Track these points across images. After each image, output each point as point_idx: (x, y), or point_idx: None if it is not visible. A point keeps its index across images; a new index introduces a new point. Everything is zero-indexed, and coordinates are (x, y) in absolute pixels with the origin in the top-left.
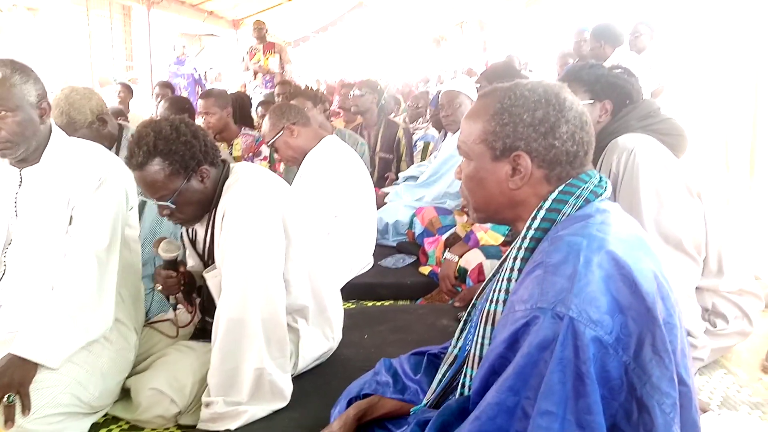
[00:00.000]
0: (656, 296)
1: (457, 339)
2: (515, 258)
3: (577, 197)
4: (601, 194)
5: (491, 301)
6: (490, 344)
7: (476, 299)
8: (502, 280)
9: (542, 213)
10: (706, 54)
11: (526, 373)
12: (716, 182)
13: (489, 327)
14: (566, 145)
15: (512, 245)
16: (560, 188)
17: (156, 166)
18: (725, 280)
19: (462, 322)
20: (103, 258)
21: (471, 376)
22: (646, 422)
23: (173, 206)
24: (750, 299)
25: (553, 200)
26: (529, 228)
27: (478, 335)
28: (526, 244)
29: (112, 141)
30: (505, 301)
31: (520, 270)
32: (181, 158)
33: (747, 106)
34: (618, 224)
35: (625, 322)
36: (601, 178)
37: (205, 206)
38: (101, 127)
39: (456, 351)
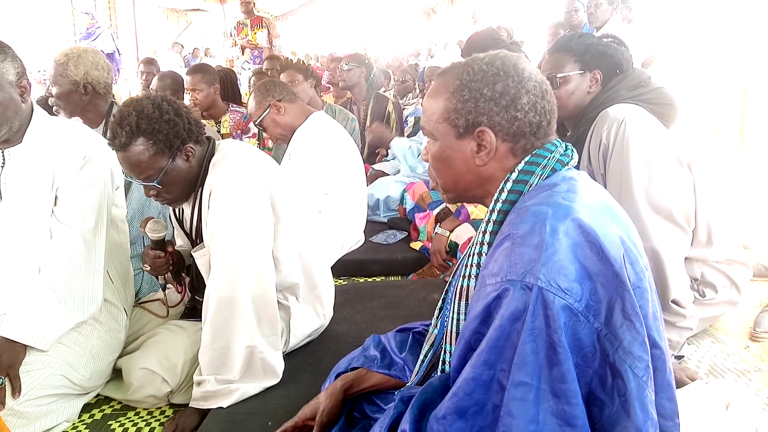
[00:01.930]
0: (624, 261)
1: (437, 318)
2: (484, 232)
3: (544, 167)
4: (567, 163)
5: (464, 277)
6: (465, 319)
7: (452, 276)
8: (473, 254)
9: (509, 185)
10: (696, 23)
11: (500, 345)
12: (706, 152)
13: (463, 302)
14: (528, 116)
15: (483, 219)
16: (526, 159)
17: (140, 147)
18: (714, 250)
19: (441, 301)
20: (90, 238)
21: (450, 352)
22: (619, 387)
23: (159, 186)
24: (739, 268)
25: (519, 172)
26: (496, 201)
27: (453, 311)
28: (494, 217)
29: (99, 118)
30: (477, 276)
31: (489, 243)
32: (165, 137)
33: (737, 77)
34: (584, 191)
35: (594, 289)
36: (566, 146)
37: (191, 185)
38: (81, 95)
39: (435, 330)
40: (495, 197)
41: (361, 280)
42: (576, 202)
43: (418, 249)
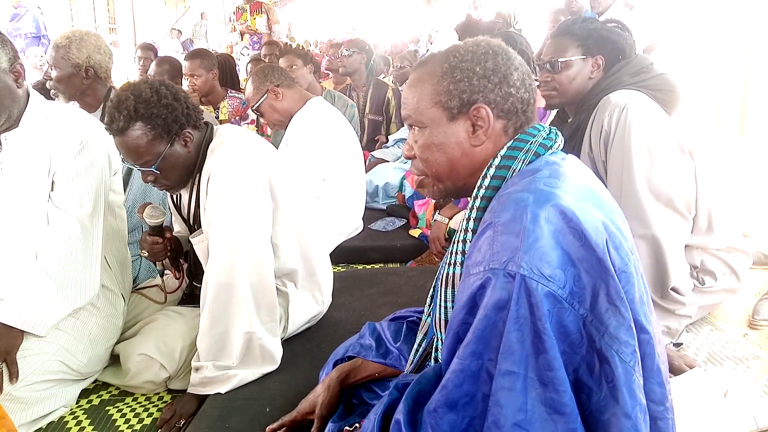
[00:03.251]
0: (607, 246)
1: (429, 306)
2: (468, 219)
3: (526, 152)
4: (551, 146)
5: (450, 264)
6: (452, 307)
7: (441, 264)
8: (458, 242)
9: (492, 171)
10: (698, 11)
11: (486, 335)
12: (707, 141)
13: (450, 290)
14: (520, 92)
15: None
16: (508, 145)
17: (138, 131)
18: (714, 238)
19: (432, 289)
20: (87, 224)
21: (442, 339)
22: (607, 373)
23: (157, 172)
24: (738, 256)
25: (501, 158)
26: (479, 187)
27: (440, 299)
28: (477, 204)
29: (97, 102)
30: (462, 264)
31: (474, 231)
32: (164, 122)
33: (739, 66)
34: (567, 176)
35: (577, 275)
36: (550, 130)
37: (189, 171)
38: (83, 79)
39: (429, 319)
40: (478, 184)
41: (360, 267)
42: (557, 188)
43: (416, 236)
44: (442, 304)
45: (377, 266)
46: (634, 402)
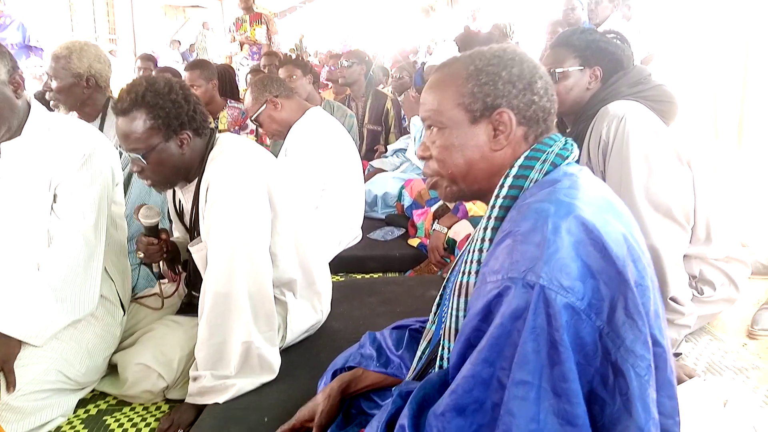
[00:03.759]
0: (627, 259)
1: (434, 314)
2: (485, 228)
3: (543, 162)
4: (567, 157)
5: (463, 273)
6: (464, 316)
7: (450, 272)
8: (474, 251)
9: (509, 181)
10: (696, 22)
11: (500, 344)
12: (705, 150)
13: (462, 299)
14: (543, 100)
15: (484, 215)
16: (525, 154)
17: (138, 117)
18: (713, 248)
19: (438, 297)
20: (91, 238)
21: (449, 348)
22: (621, 386)
23: (144, 162)
24: (737, 266)
25: (518, 167)
26: (497, 197)
27: (451, 308)
28: (495, 213)
29: (96, 112)
30: (477, 272)
31: (491, 240)
32: (166, 115)
33: (736, 76)
34: (586, 187)
35: (596, 287)
36: (566, 140)
37: (179, 173)
38: (83, 88)
39: (433, 327)
40: (495, 193)
41: (359, 277)
42: (578, 199)
43: (415, 246)
44: (454, 313)
45: (376, 276)
46: (648, 416)
